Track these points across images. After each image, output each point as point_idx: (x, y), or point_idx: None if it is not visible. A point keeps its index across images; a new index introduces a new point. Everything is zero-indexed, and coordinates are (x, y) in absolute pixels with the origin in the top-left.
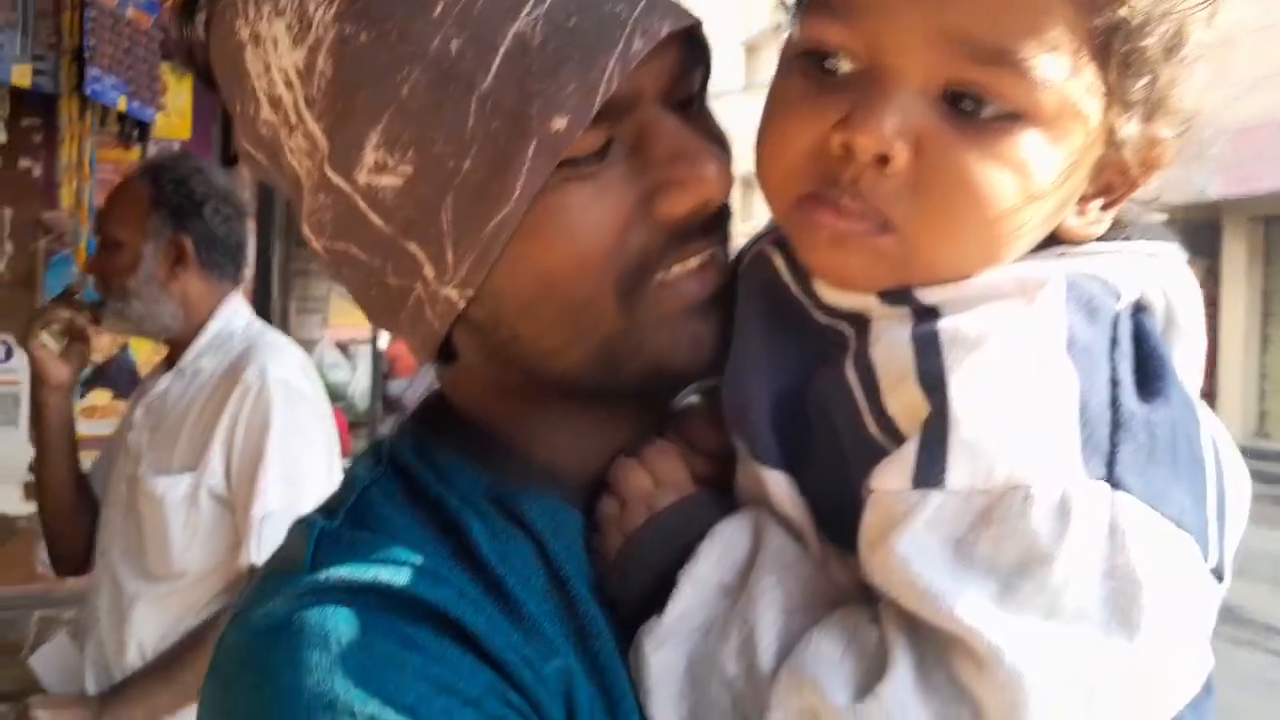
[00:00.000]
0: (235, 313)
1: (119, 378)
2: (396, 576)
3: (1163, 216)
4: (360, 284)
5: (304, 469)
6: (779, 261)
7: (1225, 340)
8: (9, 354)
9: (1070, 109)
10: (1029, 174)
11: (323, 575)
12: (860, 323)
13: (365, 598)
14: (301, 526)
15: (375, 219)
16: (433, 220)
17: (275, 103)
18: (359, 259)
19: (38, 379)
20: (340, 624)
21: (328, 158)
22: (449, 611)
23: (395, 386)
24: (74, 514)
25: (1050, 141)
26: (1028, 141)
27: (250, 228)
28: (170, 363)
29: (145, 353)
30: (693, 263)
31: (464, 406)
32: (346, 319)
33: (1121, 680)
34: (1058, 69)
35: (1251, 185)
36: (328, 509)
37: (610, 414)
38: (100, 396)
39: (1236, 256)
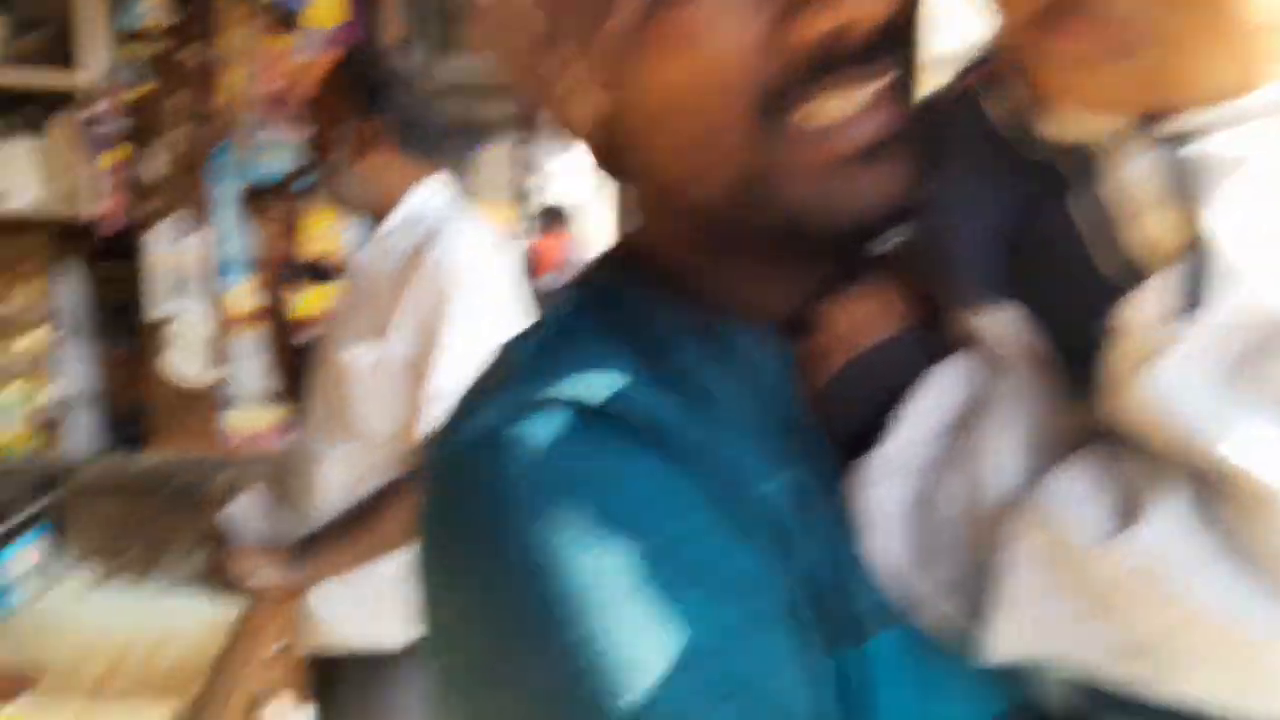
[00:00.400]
0: (431, 193)
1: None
2: (606, 390)
3: None
4: (527, 88)
5: (479, 351)
6: (998, 89)
7: None
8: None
9: None
10: None
11: (528, 389)
12: (1099, 151)
13: (574, 410)
14: (504, 347)
15: (526, 11)
16: (571, 12)
17: None
18: (518, 57)
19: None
20: (550, 436)
21: None
22: (663, 423)
23: (540, 283)
24: None
25: None
26: None
27: None
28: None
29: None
30: (855, 97)
31: (642, 238)
32: (488, 214)
33: None
34: None
35: None
36: (527, 333)
37: (788, 256)
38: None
39: None
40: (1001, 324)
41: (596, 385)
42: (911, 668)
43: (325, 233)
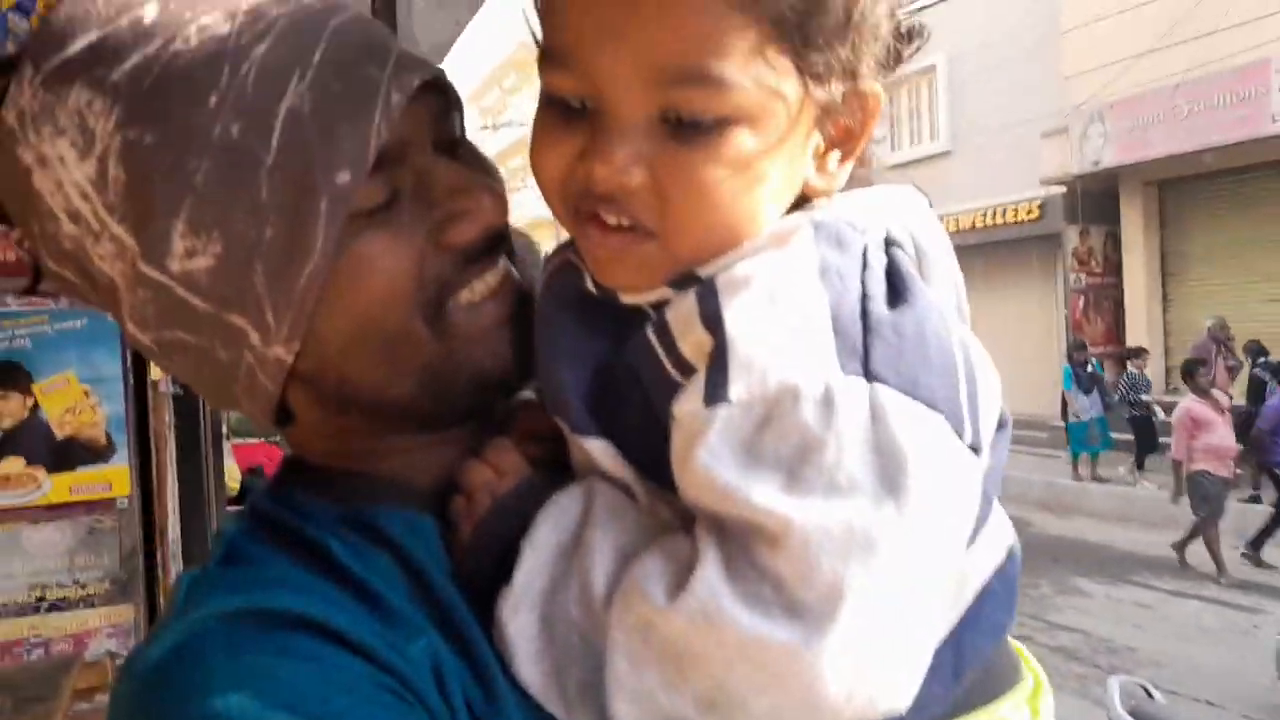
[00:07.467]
0: None
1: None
2: (262, 595)
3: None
4: (193, 367)
5: None
6: (581, 263)
7: (1130, 302)
8: None
9: (769, 98)
10: (750, 163)
11: (195, 612)
12: (659, 303)
13: (235, 620)
14: (177, 582)
15: (196, 301)
16: (248, 289)
17: (74, 216)
18: (188, 342)
19: None
20: (215, 647)
21: (139, 255)
22: (313, 615)
23: None
24: None
25: (759, 131)
26: (741, 138)
27: None
28: None
29: (56, 415)
30: (490, 280)
31: (312, 457)
32: None
33: (897, 540)
34: (746, 72)
35: (1143, 152)
36: (201, 565)
37: (449, 427)
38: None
39: (1134, 221)
40: (595, 451)
41: (255, 594)
42: None
43: None
